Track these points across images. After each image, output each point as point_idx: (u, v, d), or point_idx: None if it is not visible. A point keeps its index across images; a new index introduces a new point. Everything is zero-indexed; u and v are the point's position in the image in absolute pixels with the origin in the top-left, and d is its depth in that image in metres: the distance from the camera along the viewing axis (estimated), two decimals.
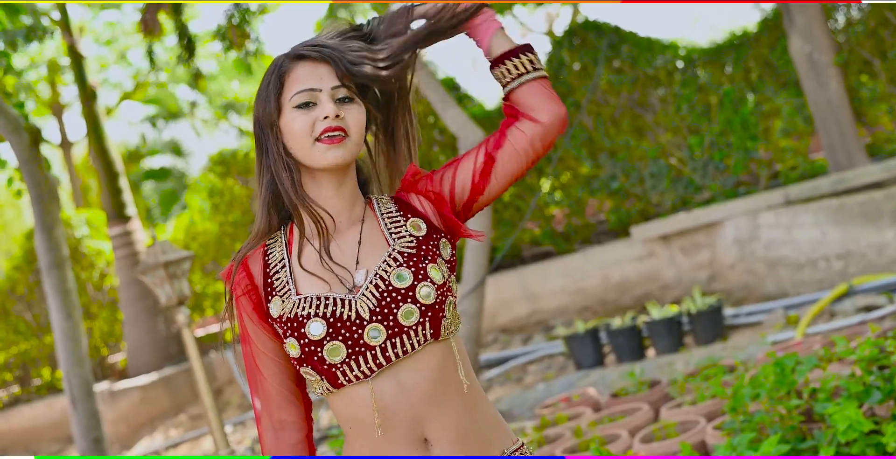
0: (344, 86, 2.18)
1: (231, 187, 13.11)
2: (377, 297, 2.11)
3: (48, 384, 13.66)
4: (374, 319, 2.10)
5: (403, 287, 2.12)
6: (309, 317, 2.11)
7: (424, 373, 2.12)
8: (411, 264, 2.15)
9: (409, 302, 2.11)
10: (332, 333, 2.10)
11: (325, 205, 2.20)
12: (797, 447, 4.05)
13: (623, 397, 6.41)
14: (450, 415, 2.14)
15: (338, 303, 2.12)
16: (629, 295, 10.19)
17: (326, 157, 2.14)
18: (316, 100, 2.16)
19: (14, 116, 8.32)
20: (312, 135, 2.14)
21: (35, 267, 13.21)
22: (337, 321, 2.10)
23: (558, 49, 11.42)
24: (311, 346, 2.10)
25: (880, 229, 8.35)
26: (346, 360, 2.10)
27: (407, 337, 2.11)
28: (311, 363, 2.12)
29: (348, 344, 2.10)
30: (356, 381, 2.11)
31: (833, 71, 9.34)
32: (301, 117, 2.15)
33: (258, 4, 10.23)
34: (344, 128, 2.15)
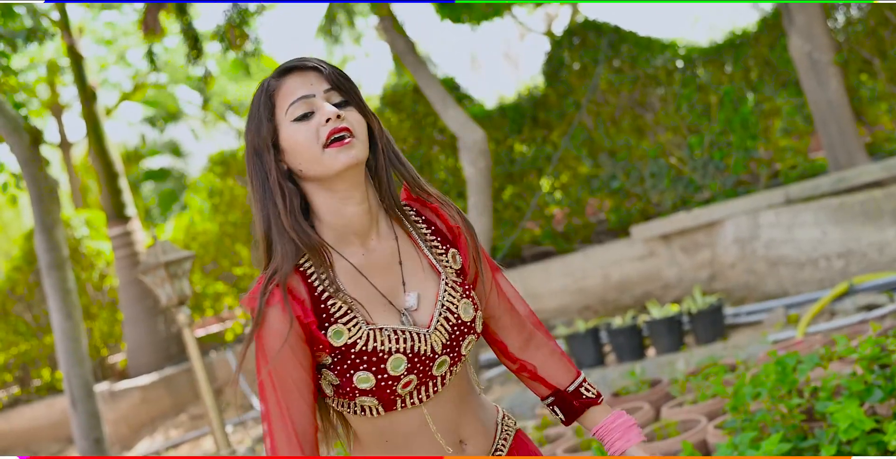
0: (336, 89, 2.12)
1: (231, 187, 13.11)
2: (448, 331, 2.15)
3: (48, 384, 13.66)
4: (444, 352, 2.14)
5: (469, 320, 2.18)
6: (390, 353, 2.07)
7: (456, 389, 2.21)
8: (466, 294, 2.20)
9: (472, 334, 2.19)
10: (409, 368, 2.09)
11: (353, 223, 2.14)
12: (798, 445, 4.05)
13: (624, 396, 6.42)
14: (474, 415, 2.25)
15: (415, 338, 2.10)
16: (630, 294, 10.19)
17: (339, 160, 2.07)
18: (313, 107, 2.09)
19: (14, 117, 8.32)
20: (319, 143, 2.07)
21: (35, 267, 13.21)
22: (415, 356, 2.10)
23: (558, 49, 11.42)
24: (389, 381, 2.07)
25: (881, 228, 8.35)
26: (412, 392, 2.12)
27: (459, 364, 2.19)
28: (379, 394, 2.09)
29: (420, 378, 2.11)
30: (410, 407, 2.14)
31: (833, 70, 9.34)
32: (302, 128, 2.08)
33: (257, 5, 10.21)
34: (349, 128, 2.08)
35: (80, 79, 13.77)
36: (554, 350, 2.40)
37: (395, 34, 8.99)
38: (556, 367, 2.38)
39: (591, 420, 2.36)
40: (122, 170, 13.77)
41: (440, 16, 11.09)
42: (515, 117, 11.59)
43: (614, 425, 2.32)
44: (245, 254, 13.14)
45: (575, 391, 2.37)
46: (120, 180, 13.58)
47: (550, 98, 11.49)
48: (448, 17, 11.09)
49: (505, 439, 2.30)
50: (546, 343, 2.40)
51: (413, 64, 8.88)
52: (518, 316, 2.39)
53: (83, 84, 13.73)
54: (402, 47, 9.00)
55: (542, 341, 2.40)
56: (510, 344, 2.38)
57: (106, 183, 13.48)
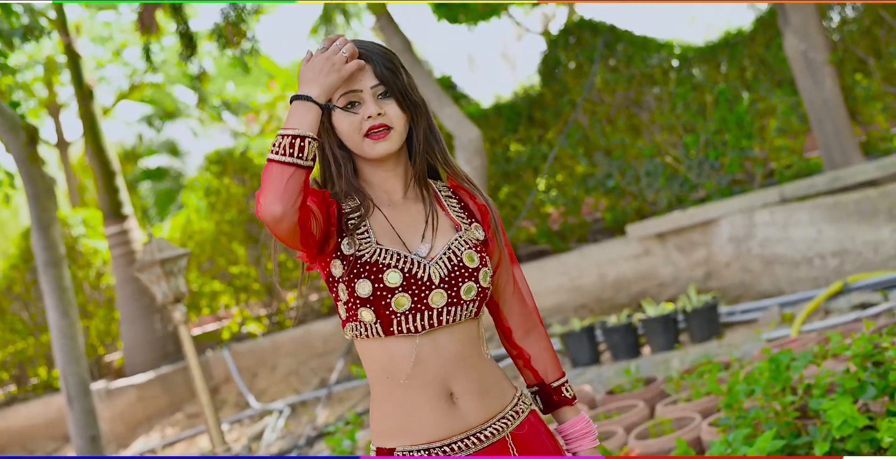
0: (382, 84, 2.44)
1: (227, 186, 13.11)
2: (448, 268, 2.44)
3: (45, 382, 13.65)
4: (441, 286, 2.42)
5: (472, 267, 2.46)
6: (388, 267, 2.40)
7: (457, 339, 2.45)
8: (478, 250, 2.49)
9: (472, 281, 2.45)
10: (404, 285, 2.39)
11: (386, 182, 2.51)
12: (792, 443, 4.07)
13: (619, 394, 6.43)
14: (471, 374, 2.46)
15: (414, 263, 2.42)
16: (625, 292, 10.21)
17: (376, 150, 2.44)
18: (359, 99, 2.44)
19: (10, 115, 8.32)
20: (361, 133, 2.43)
21: (32, 265, 13.20)
22: (411, 277, 2.40)
23: (554, 48, 11.44)
24: (384, 291, 2.39)
25: (875, 227, 8.37)
26: (406, 313, 2.40)
27: (460, 309, 2.44)
28: (375, 305, 2.39)
29: (413, 300, 2.40)
30: (405, 334, 2.41)
31: (828, 69, 9.35)
32: (347, 118, 2.44)
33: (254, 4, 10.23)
34: (387, 124, 2.44)
35: (77, 78, 13.75)
36: (548, 347, 2.67)
37: (391, 33, 9.02)
38: (547, 362, 2.65)
39: (561, 418, 2.65)
40: (119, 169, 13.76)
41: (437, 16, 11.12)
42: (511, 116, 11.60)
43: (575, 429, 2.63)
44: (241, 253, 13.14)
45: (557, 388, 2.64)
46: (117, 179, 13.57)
47: (546, 97, 11.50)
48: (445, 17, 11.11)
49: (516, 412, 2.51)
50: (544, 338, 2.67)
51: (409, 63, 8.91)
52: (526, 307, 2.66)
53: (80, 83, 13.72)
54: (398, 46, 9.03)
55: (541, 335, 2.66)
56: (515, 330, 2.64)
57: (103, 181, 13.47)
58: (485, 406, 2.46)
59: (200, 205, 13.62)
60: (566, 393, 2.64)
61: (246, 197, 12.93)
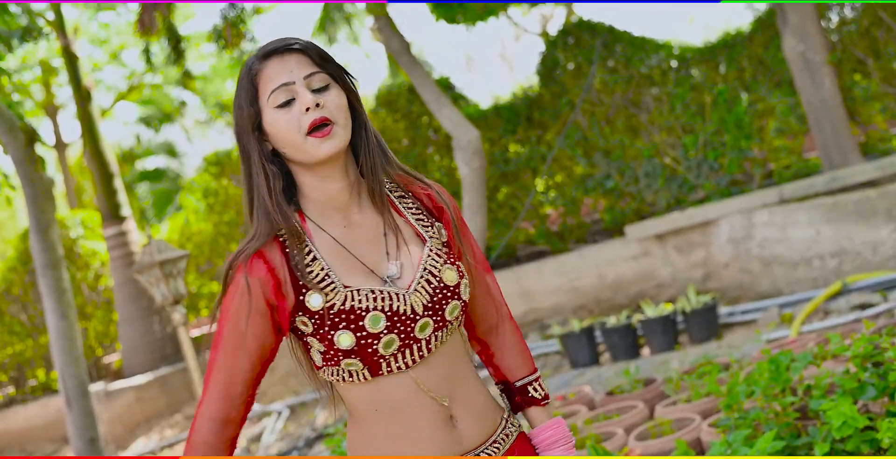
0: (318, 72, 2.16)
1: (226, 187, 13.11)
2: (429, 293, 2.18)
3: (43, 384, 13.65)
4: (425, 314, 2.17)
5: (452, 284, 2.21)
6: (368, 311, 2.13)
7: (448, 357, 2.23)
8: (450, 261, 2.24)
9: (456, 299, 2.21)
10: (388, 326, 2.13)
11: (334, 199, 2.21)
12: (792, 443, 4.07)
13: (618, 395, 6.43)
14: (469, 393, 2.26)
15: (394, 298, 2.15)
16: (624, 293, 10.21)
17: (322, 150, 2.13)
18: (293, 94, 2.14)
19: (9, 117, 8.32)
20: (301, 131, 2.13)
21: (30, 267, 13.20)
22: (394, 315, 2.14)
23: (552, 49, 11.43)
24: (369, 338, 2.12)
25: (874, 227, 8.37)
26: (395, 353, 2.15)
27: (446, 330, 2.21)
28: (361, 354, 2.13)
29: (401, 338, 2.15)
30: (396, 372, 2.17)
31: (827, 70, 9.36)
32: (284, 116, 2.13)
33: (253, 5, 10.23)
34: (328, 118, 2.14)
35: (75, 80, 13.76)
36: (516, 342, 2.43)
37: (390, 34, 9.01)
38: (512, 359, 2.41)
39: (531, 421, 2.42)
40: (117, 171, 13.77)
41: (435, 16, 11.11)
42: (510, 117, 11.60)
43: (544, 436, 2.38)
44: None
45: (522, 387, 2.40)
46: (115, 180, 13.57)
47: (545, 98, 11.50)
48: (443, 18, 11.10)
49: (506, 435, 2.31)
50: (512, 332, 2.43)
51: (408, 64, 8.91)
52: (492, 301, 2.41)
53: (78, 84, 13.72)
54: (397, 47, 9.02)
55: (507, 330, 2.43)
56: (478, 324, 2.41)
57: (101, 183, 13.47)
58: (481, 428, 2.27)
59: (199, 207, 13.62)
60: (534, 393, 2.40)
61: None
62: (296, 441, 9.55)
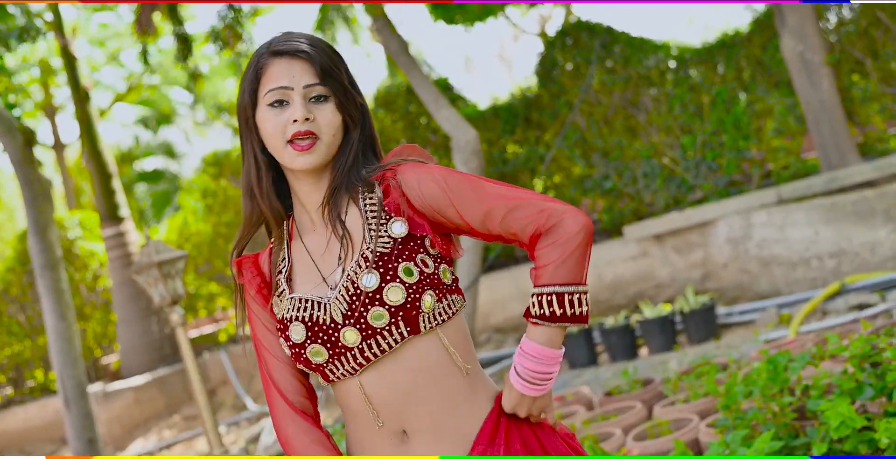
0: (319, 85, 2.15)
1: (224, 188, 13.11)
2: (347, 301, 2.11)
3: (42, 385, 13.64)
4: (347, 323, 2.10)
5: (371, 290, 2.09)
6: (292, 321, 2.15)
7: (406, 367, 2.12)
8: (380, 265, 2.11)
9: (378, 305, 2.09)
10: (311, 337, 2.13)
11: (309, 200, 2.22)
12: (790, 444, 4.07)
13: (616, 395, 6.43)
14: (429, 409, 2.12)
15: (315, 306, 2.13)
16: (623, 294, 10.21)
17: (296, 162, 2.15)
18: (288, 98, 2.14)
19: (7, 117, 8.32)
20: (284, 137, 2.14)
21: (28, 268, 13.19)
22: (314, 325, 2.13)
23: (551, 49, 11.44)
24: (297, 348, 2.15)
25: (873, 228, 8.37)
26: (330, 360, 2.13)
27: (382, 338, 2.10)
28: (300, 362, 2.18)
29: (327, 347, 2.12)
30: (343, 378, 2.15)
31: (825, 70, 9.36)
32: (273, 117, 2.14)
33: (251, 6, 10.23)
34: (314, 132, 2.14)
35: (74, 81, 13.75)
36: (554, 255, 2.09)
37: (388, 35, 9.01)
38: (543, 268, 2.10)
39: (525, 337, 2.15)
40: (115, 172, 13.76)
41: (434, 17, 11.10)
42: (508, 118, 11.61)
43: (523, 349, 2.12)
44: None
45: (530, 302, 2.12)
46: (113, 181, 13.57)
47: (543, 98, 11.50)
48: (442, 18, 11.10)
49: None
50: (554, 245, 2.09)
51: (406, 64, 8.90)
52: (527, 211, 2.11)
53: (76, 85, 13.71)
54: (395, 48, 9.02)
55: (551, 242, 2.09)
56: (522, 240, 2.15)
57: (99, 184, 13.47)
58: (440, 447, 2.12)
59: (197, 207, 13.62)
60: (532, 308, 2.10)
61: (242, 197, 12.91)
62: None
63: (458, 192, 2.15)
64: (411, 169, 2.19)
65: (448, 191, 2.15)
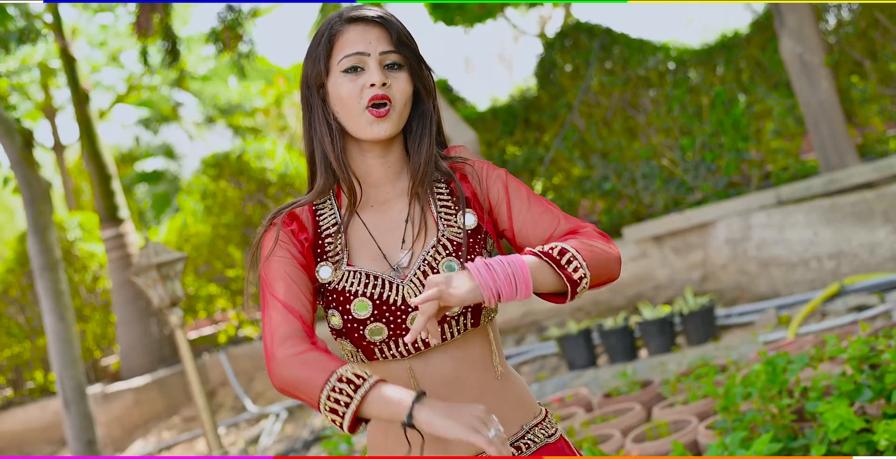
0: (395, 52, 2.14)
1: (224, 189, 13.10)
2: (423, 286, 2.08)
3: (41, 386, 13.64)
4: (418, 307, 2.04)
5: None
6: (356, 295, 2.10)
7: (452, 359, 2.13)
8: (459, 254, 2.14)
9: None
10: (376, 315, 2.09)
11: (370, 175, 2.20)
12: (789, 445, 4.07)
13: (615, 397, 6.43)
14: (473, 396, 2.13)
15: (385, 285, 2.11)
16: (622, 295, 10.21)
17: (372, 130, 2.12)
18: (364, 64, 2.12)
19: (6, 119, 8.32)
20: (361, 103, 2.11)
21: (28, 269, 13.19)
22: (383, 304, 2.09)
23: (550, 51, 11.44)
24: (355, 323, 2.10)
25: (872, 229, 8.38)
26: (386, 340, 2.10)
27: (448, 327, 2.11)
28: (350, 337, 2.12)
29: (390, 328, 2.09)
30: (391, 359, 2.12)
31: (824, 72, 9.36)
32: (348, 83, 2.12)
33: (250, 7, 10.23)
34: (389, 98, 2.12)
35: (73, 82, 13.75)
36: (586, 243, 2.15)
37: None
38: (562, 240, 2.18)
39: None
40: (115, 173, 13.76)
41: (433, 18, 11.13)
42: (507, 119, 11.61)
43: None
44: (238, 256, 13.13)
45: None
46: (113, 182, 13.56)
47: (542, 99, 11.50)
48: (441, 19, 11.13)
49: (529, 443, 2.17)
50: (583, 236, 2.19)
51: None
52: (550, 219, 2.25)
53: (76, 86, 13.71)
54: None
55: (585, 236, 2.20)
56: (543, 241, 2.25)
57: (99, 185, 13.46)
58: None
59: (197, 209, 13.62)
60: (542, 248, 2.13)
61: (242, 200, 12.92)
62: (293, 444, 9.55)
63: (516, 193, 2.23)
64: (486, 165, 2.26)
65: (509, 191, 2.23)
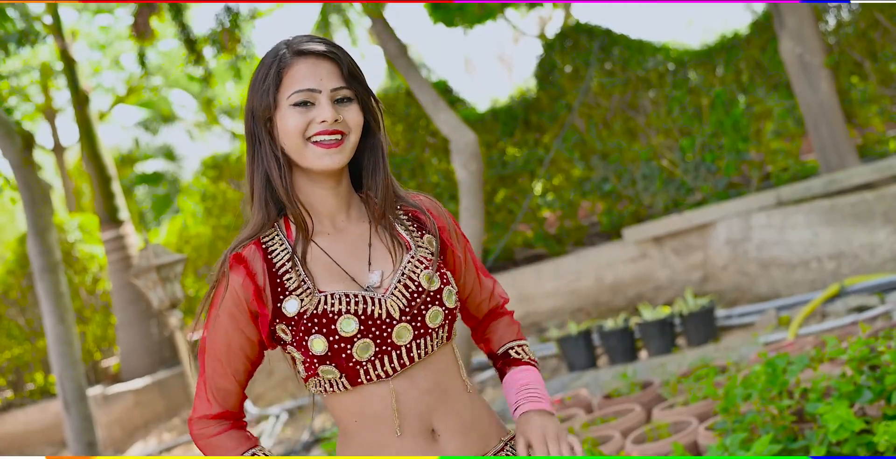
0: (346, 88, 2.14)
1: (224, 191, 13.11)
2: (407, 297, 2.14)
3: (41, 388, 13.65)
4: (403, 319, 2.12)
5: (433, 289, 2.16)
6: (340, 314, 2.09)
7: (434, 371, 2.18)
8: (434, 267, 2.19)
9: (437, 305, 2.16)
10: (363, 330, 2.09)
11: (322, 204, 2.19)
12: (789, 447, 4.07)
13: (615, 398, 6.43)
14: (455, 409, 2.19)
15: (367, 301, 2.11)
16: (622, 296, 10.21)
17: (322, 162, 2.12)
18: (314, 100, 2.11)
19: (6, 120, 8.32)
20: (305, 135, 2.10)
21: (28, 271, 13.20)
22: (368, 318, 2.10)
23: (550, 52, 11.44)
24: (342, 343, 2.08)
25: (872, 229, 8.37)
26: (372, 359, 2.10)
27: (430, 339, 2.15)
28: (336, 360, 2.10)
29: (377, 343, 2.10)
30: (376, 380, 2.13)
31: (824, 72, 9.36)
32: (297, 116, 2.10)
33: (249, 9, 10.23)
34: (342, 131, 2.12)
35: (73, 83, 13.76)
36: (509, 324, 2.44)
37: (387, 38, 9.00)
38: (501, 332, 2.43)
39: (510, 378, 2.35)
40: (115, 174, 13.77)
41: (433, 19, 11.11)
42: (507, 120, 11.61)
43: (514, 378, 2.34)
44: None
45: (504, 352, 2.39)
46: (113, 184, 13.57)
47: (542, 101, 11.50)
48: (441, 20, 11.11)
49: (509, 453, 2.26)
50: (507, 319, 2.45)
51: (405, 67, 8.89)
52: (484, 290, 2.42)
53: (76, 88, 13.72)
54: (394, 51, 9.01)
55: (503, 318, 2.45)
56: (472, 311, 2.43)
57: (99, 186, 13.47)
58: (468, 445, 2.19)
59: (197, 210, 13.63)
60: (515, 355, 2.37)
61: (241, 202, 12.93)
62: (293, 445, 9.54)
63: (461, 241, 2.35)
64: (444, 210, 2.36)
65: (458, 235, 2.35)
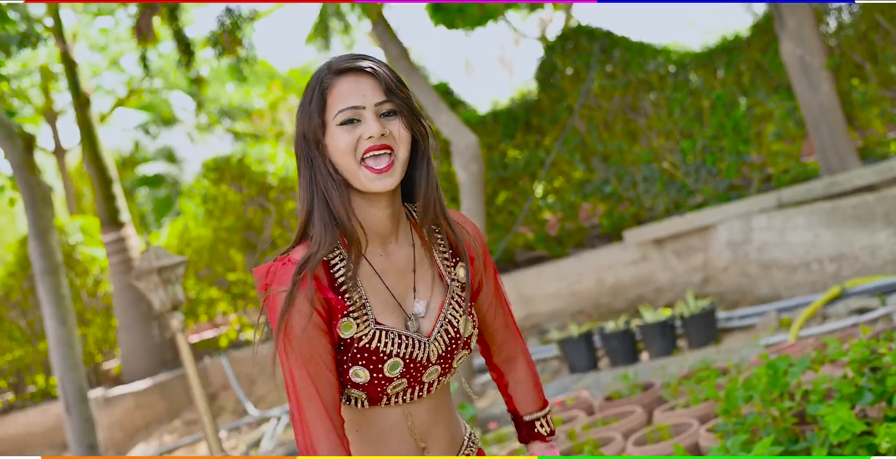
0: (388, 102, 2.13)
1: (225, 193, 13.10)
2: (446, 343, 2.23)
3: (43, 390, 13.64)
4: (438, 362, 2.22)
5: (466, 335, 2.27)
6: (390, 356, 2.14)
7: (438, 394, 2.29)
8: (468, 310, 2.28)
9: (465, 349, 2.28)
10: (403, 372, 2.17)
11: (378, 225, 2.19)
12: (790, 448, 4.07)
13: (616, 400, 6.43)
14: (443, 426, 2.31)
15: (414, 344, 2.18)
16: (623, 298, 10.21)
17: (375, 185, 2.12)
18: (360, 117, 2.12)
19: (7, 123, 8.32)
20: (357, 154, 2.10)
21: (29, 273, 13.19)
22: (412, 362, 2.17)
23: (551, 54, 11.44)
24: (382, 381, 2.14)
25: (873, 231, 8.38)
26: (401, 392, 2.20)
27: (449, 374, 2.28)
28: (368, 389, 2.15)
29: (409, 382, 2.19)
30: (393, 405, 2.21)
31: (825, 74, 9.36)
32: (345, 135, 2.11)
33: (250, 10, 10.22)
34: (390, 146, 2.12)
35: (74, 86, 13.76)
36: (529, 378, 2.51)
37: (387, 40, 9.01)
38: (524, 393, 2.50)
39: (531, 454, 2.50)
40: (116, 176, 13.76)
41: (434, 21, 11.12)
42: (508, 122, 11.61)
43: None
44: (239, 260, 13.13)
45: (530, 422, 2.50)
46: (114, 186, 13.57)
47: (543, 103, 11.50)
48: (442, 22, 11.12)
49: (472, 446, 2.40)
50: (526, 368, 2.51)
51: (406, 69, 8.90)
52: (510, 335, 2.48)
53: (77, 90, 13.73)
54: (394, 53, 9.02)
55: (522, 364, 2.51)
56: (496, 354, 2.50)
57: (100, 189, 13.47)
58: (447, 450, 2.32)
59: (198, 212, 13.62)
60: (541, 429, 2.50)
61: (243, 204, 12.92)
62: (295, 447, 9.54)
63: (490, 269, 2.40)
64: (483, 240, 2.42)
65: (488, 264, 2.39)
